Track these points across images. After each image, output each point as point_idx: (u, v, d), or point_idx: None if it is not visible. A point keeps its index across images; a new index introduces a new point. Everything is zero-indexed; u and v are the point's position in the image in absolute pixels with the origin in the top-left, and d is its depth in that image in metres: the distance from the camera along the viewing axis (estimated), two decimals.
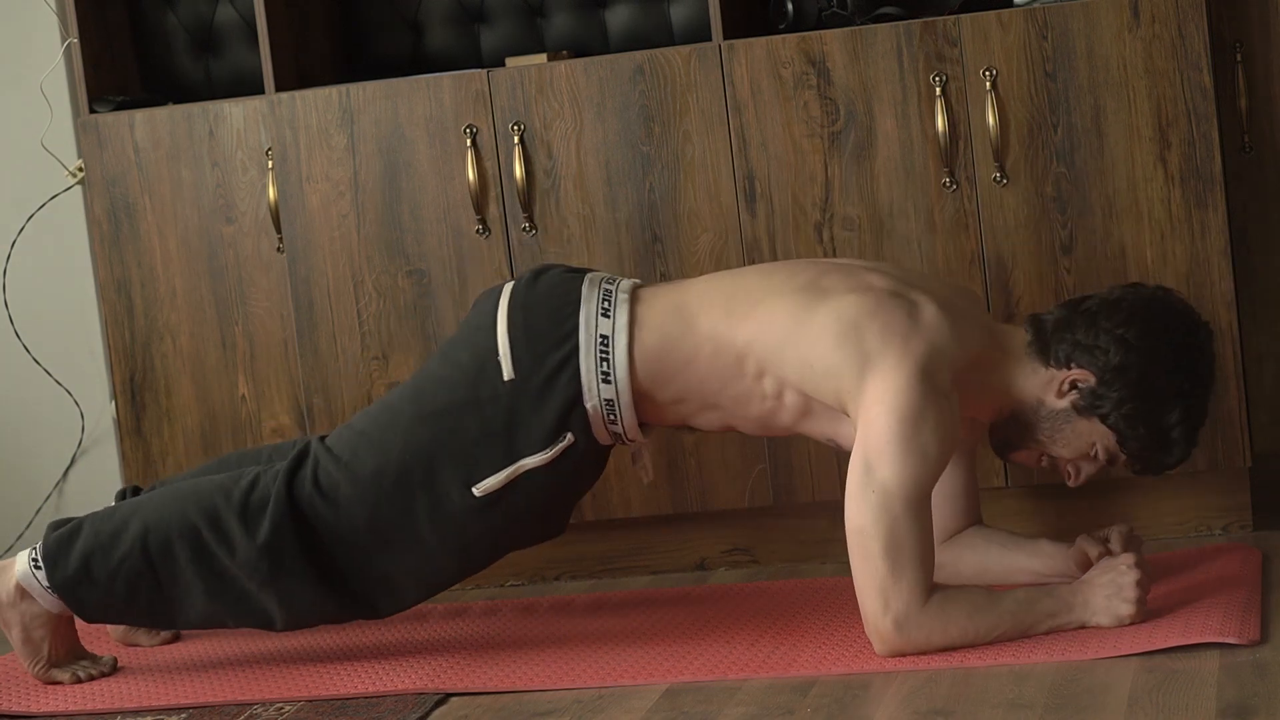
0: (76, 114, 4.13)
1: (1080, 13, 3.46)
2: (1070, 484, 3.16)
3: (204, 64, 4.10)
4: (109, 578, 3.21)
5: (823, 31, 3.54)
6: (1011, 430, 3.14)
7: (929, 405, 2.97)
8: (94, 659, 3.34)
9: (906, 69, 3.51)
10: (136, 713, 3.13)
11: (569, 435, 3.12)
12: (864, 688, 2.87)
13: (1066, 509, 3.60)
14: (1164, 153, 3.46)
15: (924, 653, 2.96)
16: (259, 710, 3.09)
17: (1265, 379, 3.68)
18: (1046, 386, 3.09)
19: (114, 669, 3.34)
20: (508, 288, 3.22)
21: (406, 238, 3.69)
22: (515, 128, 3.64)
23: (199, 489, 3.23)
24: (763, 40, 3.56)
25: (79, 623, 3.36)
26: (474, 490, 3.13)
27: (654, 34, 3.92)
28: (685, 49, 3.59)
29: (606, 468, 3.65)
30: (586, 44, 3.95)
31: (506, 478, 3.12)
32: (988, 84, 3.48)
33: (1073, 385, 3.07)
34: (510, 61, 3.71)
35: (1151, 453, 3.08)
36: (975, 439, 3.30)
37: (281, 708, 3.09)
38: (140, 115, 3.83)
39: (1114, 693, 2.72)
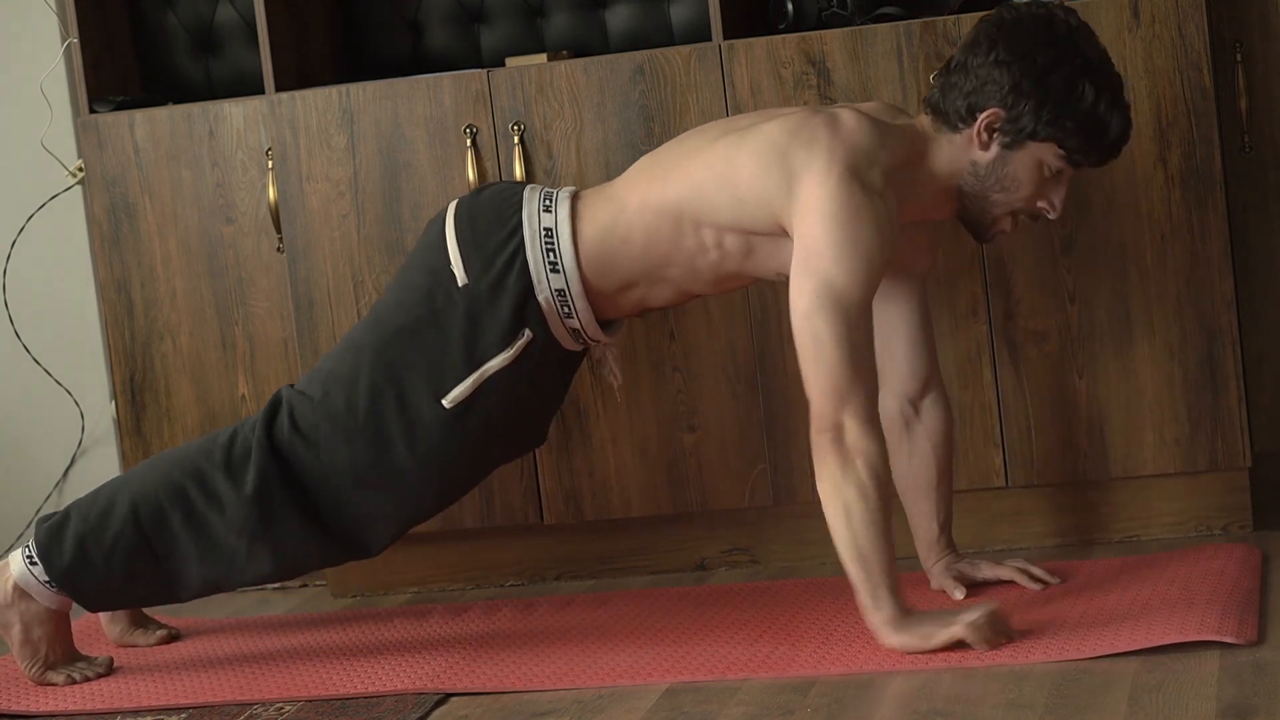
0: (76, 114, 4.13)
1: (1080, 13, 3.45)
2: (1053, 216, 3.16)
3: (204, 64, 4.10)
4: (105, 558, 3.22)
5: (823, 31, 3.54)
6: (971, 207, 3.17)
7: (863, 203, 3.01)
8: (89, 660, 3.34)
9: (906, 69, 3.51)
10: (136, 713, 3.13)
11: (526, 331, 3.17)
12: (864, 688, 2.87)
13: (1066, 509, 3.60)
14: (1164, 153, 3.46)
15: (820, 480, 2.98)
16: (259, 710, 3.09)
17: (1265, 379, 3.67)
18: (969, 146, 3.12)
19: (110, 669, 3.34)
20: (452, 204, 3.27)
21: (406, 238, 3.69)
22: (515, 128, 3.64)
23: (177, 455, 3.26)
24: (763, 40, 3.56)
25: (75, 624, 3.36)
26: (443, 403, 3.17)
27: (654, 34, 3.92)
28: (685, 49, 3.58)
29: (606, 466, 3.65)
30: (586, 44, 3.95)
31: (473, 384, 3.16)
32: None
33: (988, 129, 3.10)
34: (510, 61, 3.71)
35: (1093, 137, 3.09)
36: (927, 265, 3.32)
37: (281, 708, 3.09)
38: (140, 115, 3.83)
39: (1114, 693, 2.72)
